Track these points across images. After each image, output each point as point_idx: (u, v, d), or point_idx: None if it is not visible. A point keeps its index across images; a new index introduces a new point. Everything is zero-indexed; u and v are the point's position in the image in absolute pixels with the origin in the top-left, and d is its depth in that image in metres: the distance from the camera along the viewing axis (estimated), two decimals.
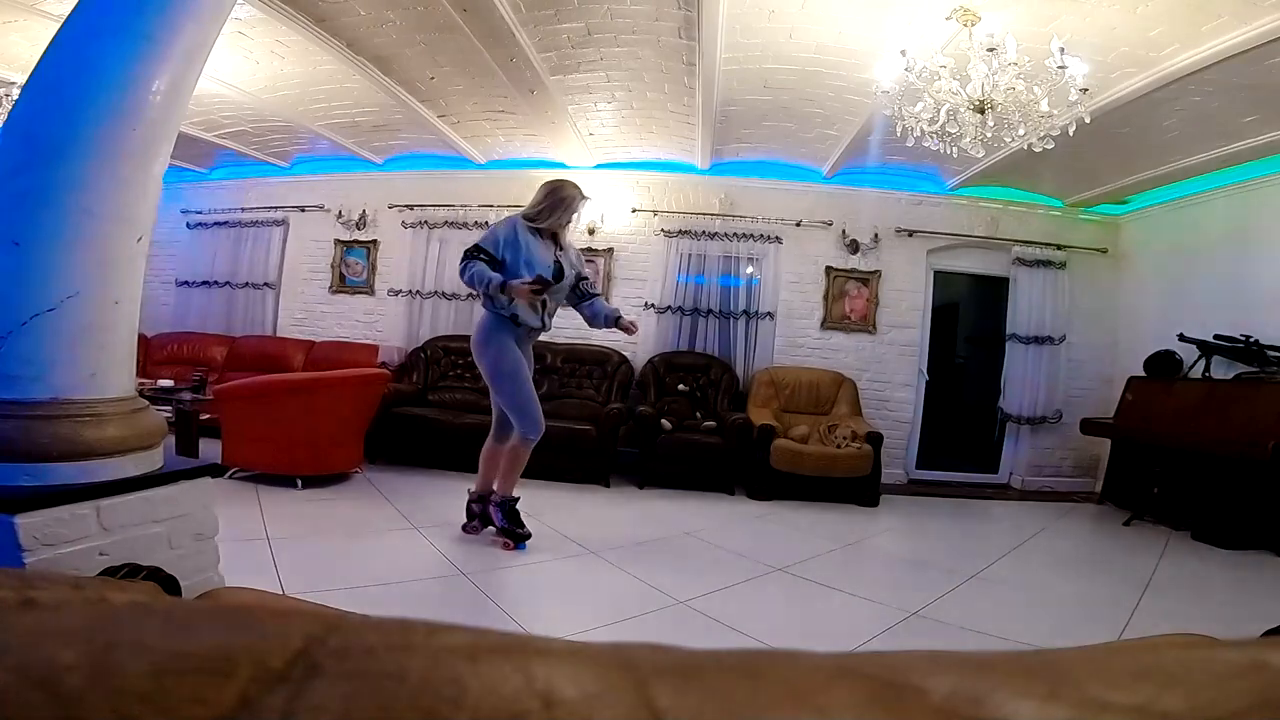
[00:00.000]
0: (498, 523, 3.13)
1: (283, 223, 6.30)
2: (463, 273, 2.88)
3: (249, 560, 2.58)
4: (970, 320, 7.12)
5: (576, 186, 3.09)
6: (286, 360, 5.67)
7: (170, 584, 0.84)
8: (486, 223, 5.75)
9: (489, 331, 2.99)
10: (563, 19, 3.39)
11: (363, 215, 6.10)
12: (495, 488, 3.18)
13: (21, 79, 3.16)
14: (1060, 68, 2.72)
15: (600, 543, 3.27)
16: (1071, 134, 3.02)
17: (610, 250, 5.75)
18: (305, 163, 6.20)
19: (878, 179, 5.48)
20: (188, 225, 6.50)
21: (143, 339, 5.58)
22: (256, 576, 2.41)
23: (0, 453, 1.32)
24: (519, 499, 3.18)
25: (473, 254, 2.88)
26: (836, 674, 0.25)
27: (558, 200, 3.01)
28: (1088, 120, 2.96)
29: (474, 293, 3.25)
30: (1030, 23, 2.95)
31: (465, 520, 3.26)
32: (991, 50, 2.72)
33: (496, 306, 2.96)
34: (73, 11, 1.45)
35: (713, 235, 5.58)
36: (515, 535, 3.10)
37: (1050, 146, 3.07)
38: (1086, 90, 2.85)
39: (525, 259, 2.91)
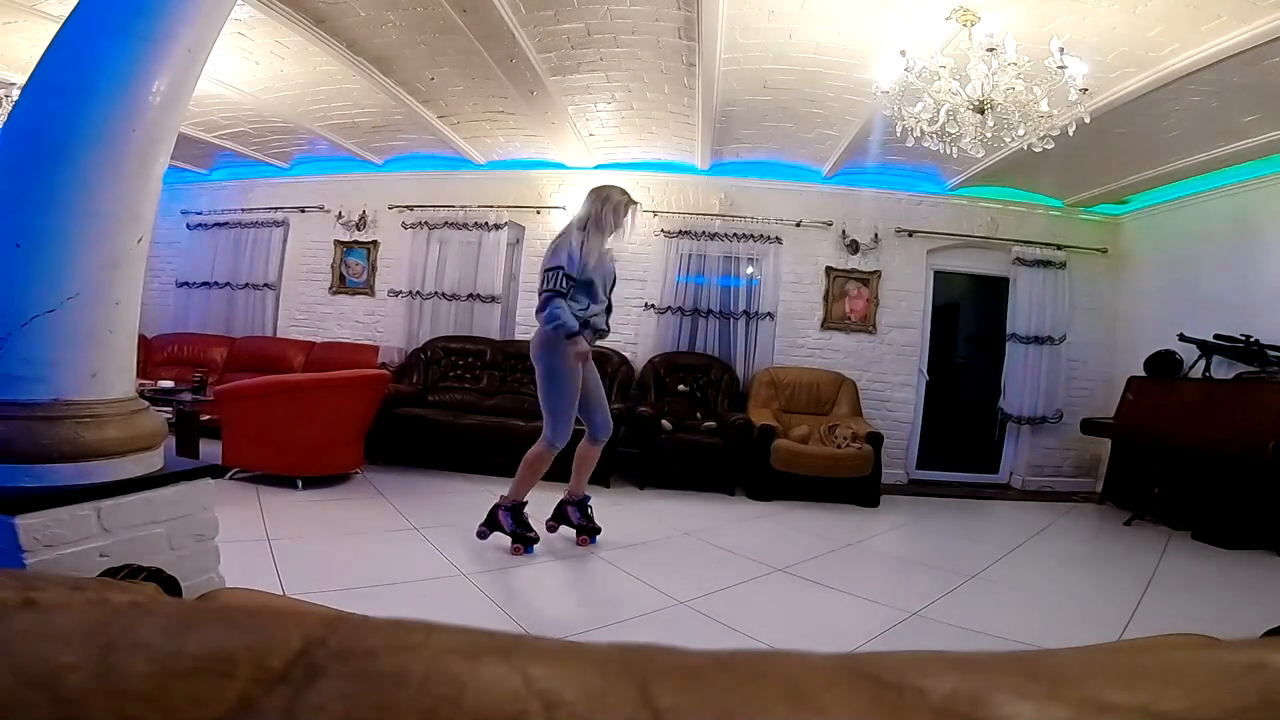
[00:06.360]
0: (574, 520, 3.25)
1: (283, 223, 6.31)
2: (544, 309, 2.90)
3: (249, 561, 2.58)
4: (970, 320, 7.12)
5: (624, 191, 3.19)
6: (287, 361, 5.67)
7: (171, 585, 0.84)
8: (487, 223, 5.75)
9: (554, 339, 2.99)
10: (562, 19, 3.39)
11: (363, 216, 6.10)
12: (570, 488, 3.29)
13: (21, 79, 3.16)
14: (1060, 68, 2.72)
15: (600, 543, 3.27)
16: (1071, 134, 3.01)
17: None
18: (305, 163, 6.20)
19: (877, 179, 5.48)
20: (188, 226, 6.50)
21: (143, 340, 5.59)
22: (257, 577, 2.41)
23: (1, 453, 1.32)
24: (527, 503, 3.18)
25: (556, 290, 2.91)
26: (836, 674, 0.25)
27: (612, 206, 3.12)
28: (1088, 120, 2.95)
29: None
30: (1030, 23, 2.95)
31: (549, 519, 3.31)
32: (991, 50, 2.71)
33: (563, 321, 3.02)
34: (73, 12, 1.45)
35: (713, 235, 5.58)
36: (524, 539, 3.10)
37: (1050, 146, 3.07)
38: (1086, 90, 2.85)
39: (599, 274, 3.08)
